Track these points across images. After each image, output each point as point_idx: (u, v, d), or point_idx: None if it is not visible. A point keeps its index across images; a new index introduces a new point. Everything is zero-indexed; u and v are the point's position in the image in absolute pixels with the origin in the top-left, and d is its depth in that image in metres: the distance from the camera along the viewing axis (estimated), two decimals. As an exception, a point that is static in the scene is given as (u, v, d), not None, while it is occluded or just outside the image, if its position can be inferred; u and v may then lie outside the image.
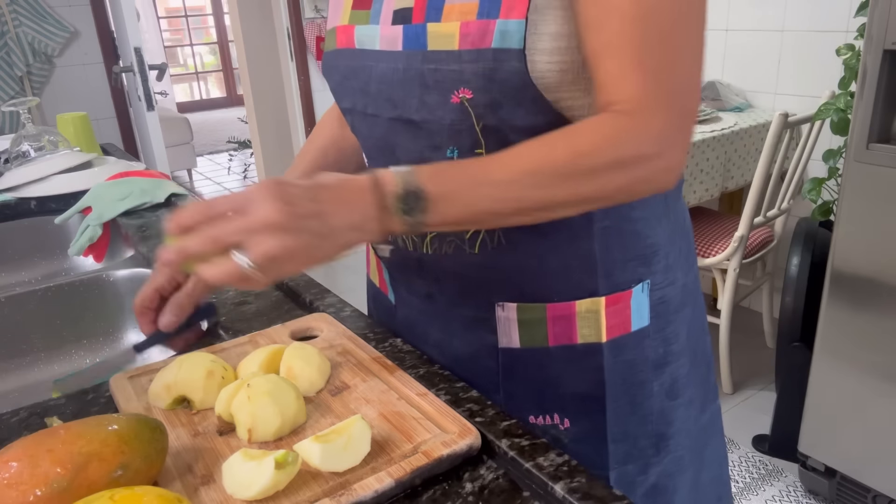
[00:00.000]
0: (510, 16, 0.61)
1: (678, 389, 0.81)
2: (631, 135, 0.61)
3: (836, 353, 1.65)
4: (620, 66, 0.60)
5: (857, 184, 1.52)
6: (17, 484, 0.48)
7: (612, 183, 0.62)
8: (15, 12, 3.15)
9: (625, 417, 0.77)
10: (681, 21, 0.61)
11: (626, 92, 0.61)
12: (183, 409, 0.66)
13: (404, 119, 0.69)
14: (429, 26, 0.65)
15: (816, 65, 2.40)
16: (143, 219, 1.33)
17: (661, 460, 0.81)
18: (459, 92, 0.64)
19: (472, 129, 0.66)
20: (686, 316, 0.81)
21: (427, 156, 0.70)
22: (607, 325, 0.74)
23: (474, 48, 0.62)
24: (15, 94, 3.22)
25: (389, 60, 0.69)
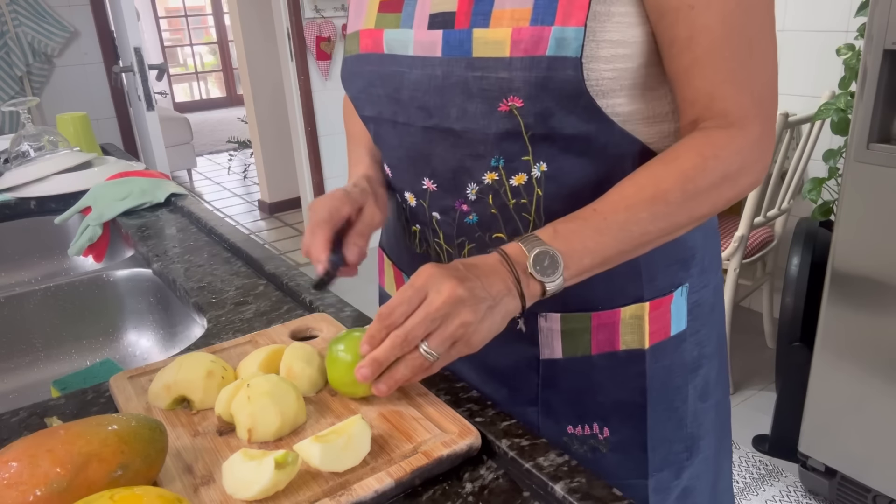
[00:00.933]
0: (567, 23, 0.59)
1: (709, 391, 0.81)
2: (733, 149, 0.62)
3: (836, 353, 1.65)
4: (712, 83, 0.62)
5: (857, 184, 1.52)
6: (17, 484, 0.48)
7: (722, 197, 0.64)
8: (15, 12, 3.15)
9: (663, 423, 0.77)
10: (762, 29, 0.62)
11: (720, 107, 0.62)
12: (183, 409, 0.66)
13: (442, 128, 0.67)
14: (475, 32, 0.62)
15: (816, 65, 2.40)
16: (143, 219, 1.33)
17: (692, 462, 0.81)
18: (508, 100, 0.62)
19: (519, 137, 0.65)
20: (717, 318, 0.82)
21: (468, 165, 0.68)
22: (650, 330, 0.73)
23: (527, 55, 0.60)
24: (15, 94, 3.22)
25: (425, 67, 0.66)
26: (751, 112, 0.63)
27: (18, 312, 1.07)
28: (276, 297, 0.95)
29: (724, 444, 0.90)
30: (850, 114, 1.82)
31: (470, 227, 0.71)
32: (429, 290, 0.57)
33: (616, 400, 0.75)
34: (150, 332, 1.14)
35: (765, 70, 0.63)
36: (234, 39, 4.35)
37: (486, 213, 0.70)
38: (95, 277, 1.12)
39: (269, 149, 4.42)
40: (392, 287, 0.88)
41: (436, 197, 0.72)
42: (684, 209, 0.63)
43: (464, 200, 0.70)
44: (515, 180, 0.67)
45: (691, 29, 0.60)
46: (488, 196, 0.68)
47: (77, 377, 1.01)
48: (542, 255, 0.59)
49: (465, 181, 0.69)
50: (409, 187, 0.74)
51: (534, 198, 0.68)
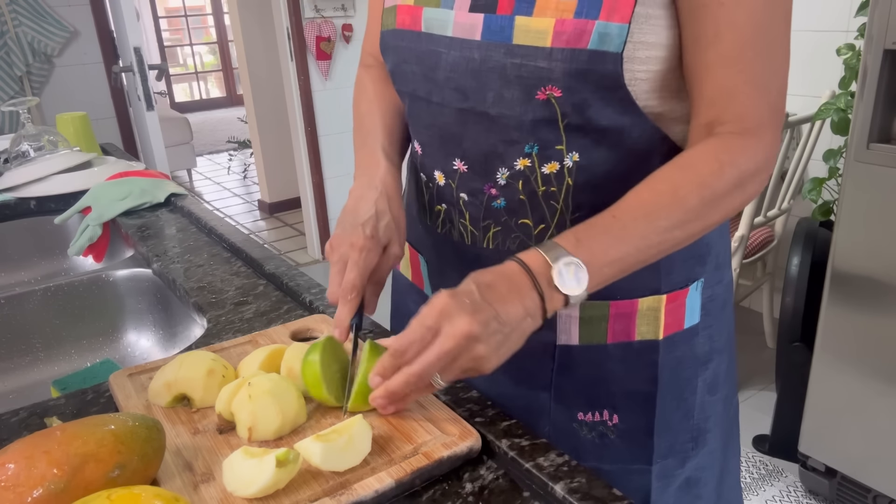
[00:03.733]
0: (612, 18, 0.59)
1: (718, 385, 0.82)
2: (748, 154, 0.63)
3: (836, 353, 1.65)
4: (734, 82, 0.62)
5: (857, 184, 1.52)
6: (15, 486, 0.48)
7: (734, 202, 0.64)
8: (15, 12, 3.15)
9: (671, 413, 0.78)
10: (783, 35, 0.63)
11: (738, 109, 0.62)
12: (183, 406, 0.66)
13: (477, 111, 0.67)
14: (517, 19, 0.62)
15: (817, 65, 2.39)
16: (142, 219, 1.33)
17: (697, 453, 0.82)
18: (546, 89, 0.62)
19: (554, 125, 0.65)
20: (728, 313, 0.83)
21: (500, 150, 0.68)
22: (665, 322, 0.74)
23: (569, 47, 0.60)
24: (15, 93, 3.22)
25: (464, 49, 0.65)
26: (766, 118, 0.63)
27: (18, 312, 1.06)
28: (276, 297, 0.95)
29: (731, 441, 0.91)
30: (850, 114, 1.82)
31: (497, 210, 0.71)
32: (442, 327, 0.56)
33: (627, 389, 0.76)
34: (150, 332, 1.14)
35: (781, 77, 0.64)
36: (234, 39, 4.35)
37: (515, 198, 0.70)
38: (95, 277, 1.11)
39: (269, 149, 4.41)
40: (407, 268, 0.88)
41: (465, 178, 0.72)
42: (700, 216, 0.63)
43: (493, 184, 0.70)
44: (547, 168, 0.67)
45: (718, 25, 0.60)
46: (518, 182, 0.69)
47: (77, 377, 1.01)
48: (567, 266, 0.58)
49: (497, 165, 0.69)
50: (440, 166, 0.74)
51: (563, 187, 0.68)
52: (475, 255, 0.76)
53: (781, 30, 0.62)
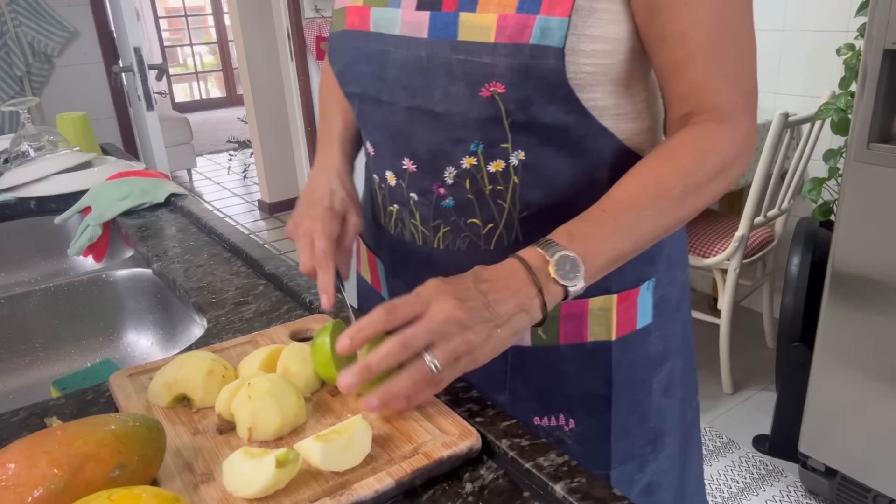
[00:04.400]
0: (553, 13, 0.60)
1: (673, 387, 0.82)
2: (728, 141, 0.64)
3: (836, 353, 1.65)
4: (706, 76, 0.63)
5: (857, 184, 1.52)
6: (15, 485, 0.48)
7: (718, 188, 0.65)
8: (15, 12, 3.15)
9: (627, 416, 0.78)
10: (746, 24, 0.64)
11: (713, 100, 0.64)
12: (183, 407, 0.66)
13: (424, 109, 0.67)
14: (461, 16, 0.63)
15: (817, 65, 2.39)
16: (142, 219, 1.33)
17: (656, 457, 0.82)
18: (490, 85, 0.63)
19: (499, 123, 0.65)
20: (682, 315, 0.83)
21: (447, 149, 0.68)
22: (617, 322, 0.74)
23: (511, 42, 0.60)
24: (15, 93, 3.22)
25: (411, 47, 0.66)
26: (741, 105, 0.64)
27: (18, 312, 1.06)
28: (276, 297, 0.95)
29: (691, 445, 0.91)
30: (850, 114, 1.82)
31: (446, 210, 0.72)
32: (432, 304, 0.56)
33: (582, 391, 0.76)
34: (150, 332, 1.14)
35: (749, 64, 0.65)
36: (234, 39, 4.35)
37: (463, 197, 0.70)
38: (95, 277, 1.11)
39: (269, 149, 4.42)
40: (367, 271, 0.89)
41: (415, 178, 0.72)
42: (687, 203, 0.64)
43: (441, 184, 0.71)
44: (493, 167, 0.68)
45: (683, 24, 0.62)
46: (465, 181, 0.69)
47: (77, 377, 1.01)
48: (564, 259, 0.59)
49: (444, 164, 0.69)
50: (390, 166, 0.74)
51: (510, 185, 0.69)
52: (426, 255, 0.76)
53: (744, 17, 0.64)
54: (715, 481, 1.95)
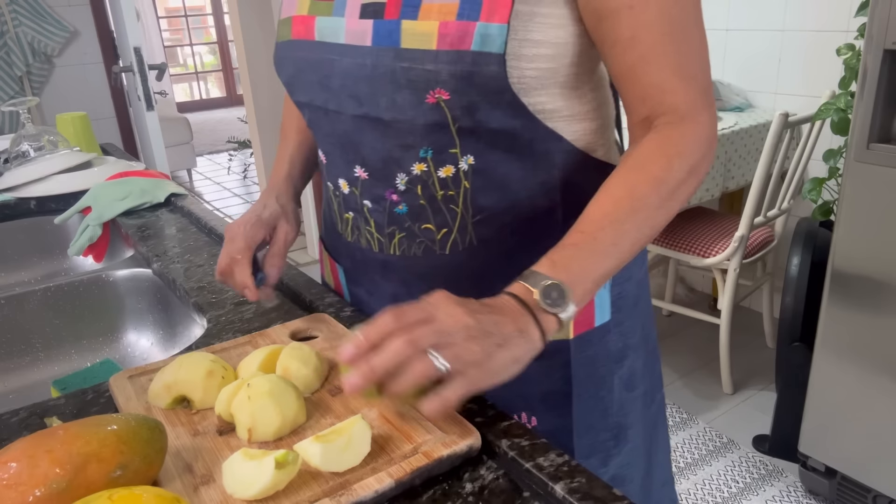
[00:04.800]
0: (492, 19, 0.60)
1: (635, 381, 0.84)
2: (692, 140, 0.64)
3: (836, 353, 1.65)
4: (661, 78, 0.63)
5: (857, 184, 1.52)
6: (17, 484, 0.48)
7: (689, 189, 0.65)
8: (15, 12, 3.15)
9: (589, 412, 0.79)
10: (695, 21, 0.65)
11: (671, 101, 0.63)
12: (183, 408, 0.66)
13: (371, 117, 0.68)
14: (403, 23, 0.63)
15: (817, 65, 2.39)
16: (142, 219, 1.33)
17: (620, 451, 0.83)
18: (435, 92, 0.63)
19: (447, 129, 0.66)
20: (641, 310, 0.84)
21: (397, 155, 0.69)
22: (574, 321, 0.76)
23: (453, 49, 0.61)
24: (15, 94, 3.22)
25: (356, 55, 0.66)
26: (699, 103, 0.64)
27: (18, 312, 1.06)
28: (277, 297, 0.95)
29: (657, 437, 0.92)
30: (850, 114, 1.82)
31: (400, 216, 0.72)
32: (439, 310, 0.54)
33: (543, 390, 0.77)
34: (150, 332, 1.14)
35: (702, 59, 0.65)
36: (234, 39, 4.35)
37: (416, 203, 0.71)
38: (95, 277, 1.12)
39: (269, 149, 4.41)
40: (330, 277, 0.91)
41: (367, 185, 0.73)
42: (662, 211, 0.63)
43: (394, 190, 0.71)
44: (443, 172, 0.68)
45: (633, 28, 0.62)
46: (417, 187, 0.70)
47: (77, 377, 1.01)
48: (549, 288, 0.58)
49: (395, 171, 0.70)
50: (343, 174, 0.75)
51: (461, 190, 0.69)
52: (383, 261, 0.77)
53: (693, 16, 0.64)
54: (715, 481, 1.95)
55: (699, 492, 1.91)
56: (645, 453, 0.88)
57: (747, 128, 2.34)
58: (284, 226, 0.82)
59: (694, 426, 2.18)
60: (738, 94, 2.60)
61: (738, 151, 2.34)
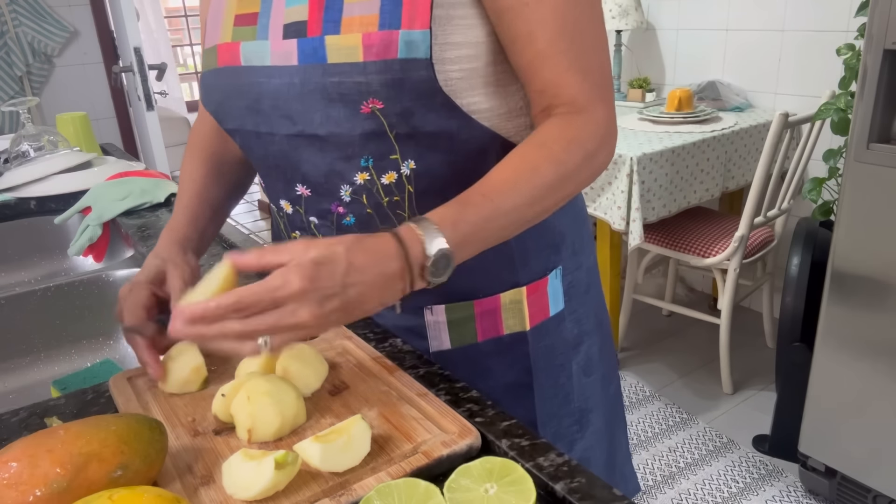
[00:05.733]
0: (413, 26, 0.61)
1: (592, 366, 0.87)
2: (589, 129, 0.66)
3: (836, 353, 1.65)
4: (557, 73, 0.65)
5: (857, 184, 1.52)
6: (17, 484, 0.48)
7: (584, 175, 0.67)
8: (15, 12, 3.15)
9: (550, 399, 0.82)
10: (591, 20, 0.67)
11: (568, 94, 0.66)
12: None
13: (307, 135, 0.68)
14: (327, 39, 0.64)
15: (817, 65, 2.40)
16: (142, 219, 1.33)
17: (583, 435, 0.86)
18: (369, 102, 0.64)
19: (385, 137, 0.66)
20: (592, 297, 0.87)
21: (338, 168, 0.69)
22: (529, 312, 0.78)
23: (380, 59, 0.62)
24: (15, 93, 3.22)
25: (283, 76, 0.66)
26: (594, 96, 0.66)
27: (18, 312, 1.07)
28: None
29: (616, 417, 0.96)
30: (850, 114, 1.82)
31: (348, 228, 0.73)
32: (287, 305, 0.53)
33: (505, 383, 0.79)
34: (150, 332, 1.14)
35: (598, 57, 0.67)
36: (234, 39, 4.35)
37: (363, 212, 0.72)
38: (95, 277, 1.12)
39: (269, 149, 4.41)
40: None
41: (311, 202, 0.73)
42: (556, 190, 0.65)
43: (339, 202, 0.72)
44: (386, 179, 0.69)
45: (529, 24, 0.64)
46: (362, 196, 0.71)
47: (77, 377, 1.01)
48: (442, 258, 0.58)
49: (338, 183, 0.70)
50: (284, 195, 0.75)
51: (405, 195, 0.70)
52: None
53: (589, 12, 0.66)
54: (715, 481, 1.95)
55: (699, 492, 1.91)
56: (607, 435, 0.92)
57: (747, 128, 2.34)
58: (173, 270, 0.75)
59: (694, 426, 2.18)
60: (738, 94, 2.60)
61: (738, 151, 2.34)
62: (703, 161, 2.23)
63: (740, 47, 2.61)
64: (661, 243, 2.33)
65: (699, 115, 2.35)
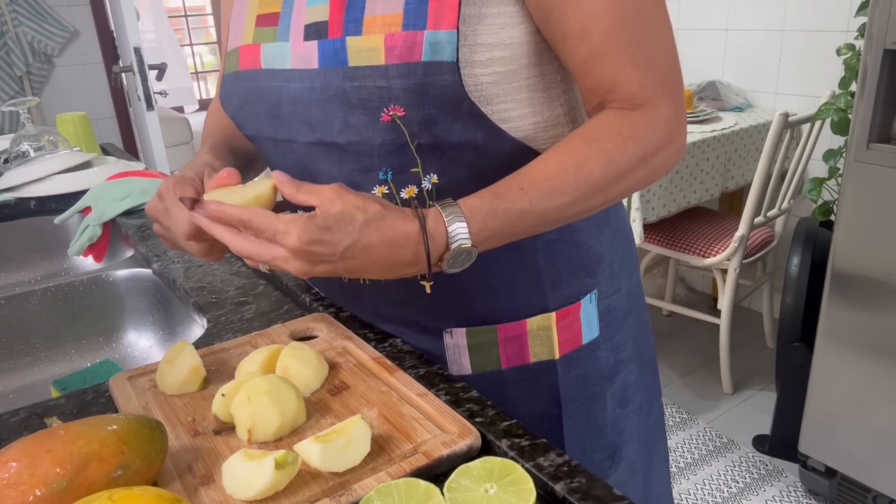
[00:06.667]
0: (439, 26, 0.57)
1: (629, 396, 0.80)
2: (649, 128, 0.61)
3: (836, 353, 1.65)
4: (614, 70, 0.60)
5: (857, 184, 1.52)
6: (17, 484, 0.48)
7: (636, 178, 0.62)
8: (15, 12, 3.15)
9: (581, 433, 0.76)
10: (654, 9, 0.61)
11: (625, 91, 0.61)
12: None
13: (326, 143, 0.64)
14: (348, 40, 0.60)
15: (817, 65, 2.40)
16: (142, 219, 1.33)
17: (616, 470, 0.80)
18: (390, 109, 0.60)
19: (405, 148, 0.62)
20: (632, 322, 0.80)
21: (356, 179, 0.65)
22: (559, 340, 0.72)
23: (402, 62, 0.58)
24: (15, 93, 3.22)
25: (304, 79, 0.63)
26: (658, 91, 0.61)
27: (18, 312, 1.06)
28: (276, 297, 0.95)
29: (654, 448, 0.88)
30: (850, 114, 1.82)
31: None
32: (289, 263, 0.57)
33: (531, 413, 0.74)
34: (150, 332, 1.14)
35: (664, 49, 0.62)
36: (234, 39, 4.35)
37: None
38: (95, 277, 1.12)
39: (269, 149, 4.41)
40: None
41: None
42: (602, 192, 0.61)
43: None
44: (406, 193, 0.65)
45: (582, 20, 0.59)
46: None
47: (77, 377, 1.01)
48: (461, 253, 0.57)
49: None
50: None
51: None
52: (356, 290, 0.75)
53: (651, 6, 0.61)
54: (715, 481, 1.95)
55: (699, 492, 1.91)
56: (642, 468, 0.85)
57: (747, 128, 2.34)
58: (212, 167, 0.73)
59: (694, 426, 2.18)
60: (738, 94, 2.60)
61: (738, 151, 2.34)
62: (702, 161, 2.23)
63: (740, 47, 2.61)
64: (661, 243, 2.33)
65: (699, 115, 2.35)
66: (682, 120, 0.63)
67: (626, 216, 0.82)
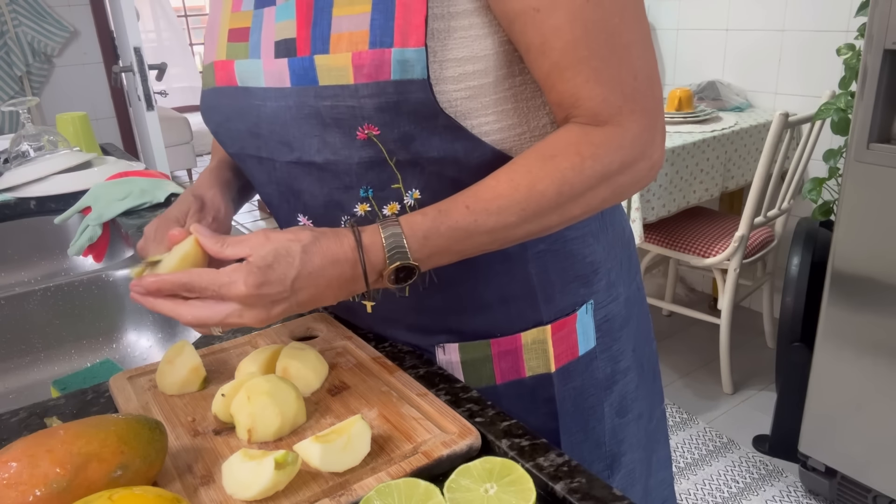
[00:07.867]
0: (407, 44, 0.55)
1: (627, 405, 0.79)
2: (612, 147, 0.58)
3: (836, 353, 1.65)
4: (575, 85, 0.57)
5: (857, 184, 1.52)
6: (17, 484, 0.48)
7: (597, 198, 0.60)
8: (15, 12, 3.15)
9: (579, 445, 0.75)
10: (623, 20, 0.57)
11: (587, 107, 0.58)
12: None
13: (304, 162, 0.63)
14: (316, 59, 0.58)
15: (817, 65, 2.40)
16: (142, 219, 1.33)
17: (614, 480, 0.79)
18: (364, 128, 0.58)
19: (384, 165, 0.61)
20: (632, 329, 0.78)
21: (337, 198, 0.64)
22: (555, 353, 0.71)
23: (372, 81, 0.55)
24: (15, 93, 3.22)
25: (279, 98, 0.61)
26: (624, 108, 0.58)
27: (18, 312, 1.06)
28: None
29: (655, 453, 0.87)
30: (850, 114, 1.82)
31: None
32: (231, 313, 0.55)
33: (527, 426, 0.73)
34: (150, 332, 1.14)
35: (633, 62, 0.58)
36: (234, 39, 4.35)
37: None
38: (95, 277, 1.12)
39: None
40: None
41: None
42: (556, 212, 0.59)
43: None
44: (388, 209, 0.63)
45: (542, 33, 0.56)
46: None
47: (77, 377, 1.01)
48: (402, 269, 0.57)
49: (338, 215, 0.65)
50: (286, 224, 0.71)
51: None
52: (346, 306, 0.75)
53: (620, 16, 0.57)
54: (715, 481, 1.95)
55: (699, 492, 1.91)
56: (641, 476, 0.84)
57: (747, 128, 2.34)
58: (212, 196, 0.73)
59: (694, 426, 2.18)
60: (738, 94, 2.60)
61: (737, 151, 2.34)
62: (702, 161, 2.23)
63: (740, 47, 2.61)
64: (661, 243, 2.33)
65: (699, 115, 2.35)
66: (656, 135, 0.60)
67: (627, 220, 0.79)
